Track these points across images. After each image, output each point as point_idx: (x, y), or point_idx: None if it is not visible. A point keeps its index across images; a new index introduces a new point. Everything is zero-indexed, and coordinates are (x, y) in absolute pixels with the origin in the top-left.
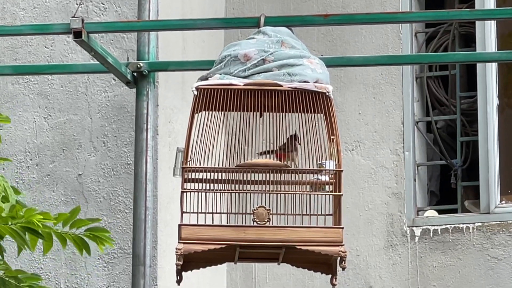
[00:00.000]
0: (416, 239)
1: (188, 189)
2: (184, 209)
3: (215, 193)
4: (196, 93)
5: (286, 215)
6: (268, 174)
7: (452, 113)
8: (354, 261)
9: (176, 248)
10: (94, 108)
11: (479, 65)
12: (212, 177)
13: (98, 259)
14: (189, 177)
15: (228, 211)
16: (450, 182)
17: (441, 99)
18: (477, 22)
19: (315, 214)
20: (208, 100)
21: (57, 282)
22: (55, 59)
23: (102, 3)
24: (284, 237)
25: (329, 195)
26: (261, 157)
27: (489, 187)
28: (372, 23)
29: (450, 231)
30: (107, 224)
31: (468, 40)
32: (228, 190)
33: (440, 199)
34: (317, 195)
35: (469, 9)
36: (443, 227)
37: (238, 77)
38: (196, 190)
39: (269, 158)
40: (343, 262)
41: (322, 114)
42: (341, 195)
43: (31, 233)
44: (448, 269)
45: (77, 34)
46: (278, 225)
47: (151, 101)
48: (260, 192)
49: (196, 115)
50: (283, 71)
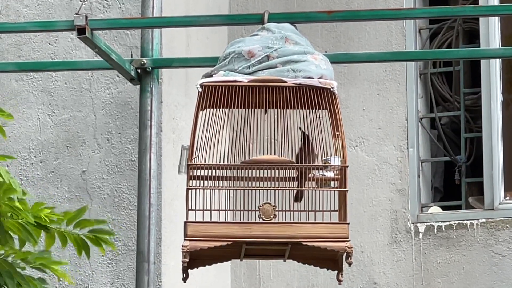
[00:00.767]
0: (420, 235)
1: (193, 186)
2: (189, 206)
3: (221, 190)
4: (200, 90)
5: (291, 212)
6: (273, 171)
7: (456, 110)
8: (358, 258)
9: (182, 246)
10: (98, 105)
11: (483, 62)
12: (217, 174)
13: (102, 256)
14: (194, 174)
15: (234, 208)
16: (454, 178)
17: (445, 96)
18: (481, 19)
19: (321, 210)
20: (212, 97)
21: (61, 280)
22: (59, 56)
23: (105, 0)
24: (290, 233)
25: (334, 191)
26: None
27: (493, 183)
28: (376, 20)
29: (454, 228)
30: (111, 221)
31: (472, 37)
32: (233, 187)
33: (444, 196)
34: (323, 191)
35: (473, 5)
36: (447, 223)
37: (242, 74)
38: (202, 187)
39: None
40: (349, 258)
41: (326, 110)
42: (347, 191)
43: (39, 227)
44: (452, 266)
45: (80, 31)
46: (284, 221)
47: (155, 97)
48: (266, 188)
49: (201, 112)
50: (288, 67)
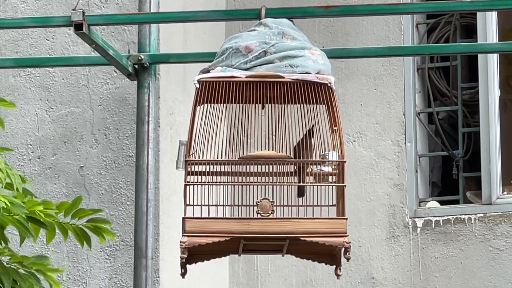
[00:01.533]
0: (418, 230)
1: (191, 182)
2: (187, 202)
3: (218, 186)
4: (198, 86)
5: (289, 207)
6: (271, 166)
7: (453, 104)
8: (356, 253)
9: (181, 241)
10: (96, 101)
11: (480, 56)
12: (215, 170)
13: (100, 251)
14: (192, 169)
15: (232, 203)
16: (452, 173)
17: (442, 90)
18: (478, 13)
19: (319, 205)
20: (210, 92)
21: (59, 275)
22: (56, 51)
23: None
24: (288, 228)
25: (332, 186)
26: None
27: (491, 178)
28: (373, 15)
29: (452, 222)
30: (109, 217)
31: (470, 31)
32: (231, 182)
33: (442, 190)
34: (321, 186)
35: (470, 0)
36: (445, 218)
37: (239, 69)
38: (200, 183)
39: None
40: (347, 253)
41: (324, 105)
42: (345, 186)
43: (34, 223)
44: (450, 260)
45: (78, 27)
46: (282, 216)
47: (153, 93)
48: (264, 184)
49: (198, 107)
50: (285, 62)
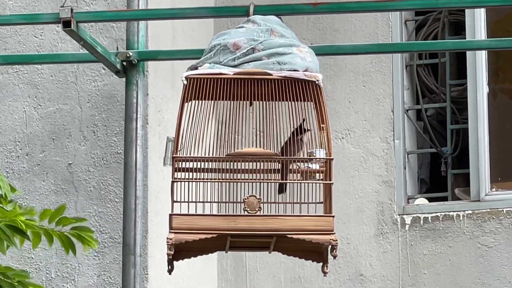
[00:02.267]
0: (407, 227)
1: (178, 179)
2: (174, 199)
3: (206, 183)
4: (185, 82)
5: (277, 204)
6: (258, 163)
7: (442, 101)
8: (345, 249)
9: (167, 238)
10: (84, 98)
11: (469, 53)
12: (202, 166)
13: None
14: (180, 166)
15: (219, 200)
16: (440, 170)
17: (431, 87)
18: (466, 10)
19: (306, 203)
20: (198, 89)
21: (47, 272)
22: (45, 48)
23: None
24: (275, 226)
25: (319, 183)
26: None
27: (479, 174)
28: (362, 11)
29: (441, 219)
30: (98, 213)
31: (458, 28)
32: (218, 179)
33: (430, 187)
34: (308, 183)
35: None
36: (434, 215)
37: (227, 66)
38: (187, 180)
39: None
40: (334, 251)
41: (312, 103)
42: (332, 183)
43: (17, 232)
44: (438, 257)
45: (66, 24)
46: (269, 214)
47: (141, 90)
48: (251, 181)
49: (186, 104)
50: (273, 59)
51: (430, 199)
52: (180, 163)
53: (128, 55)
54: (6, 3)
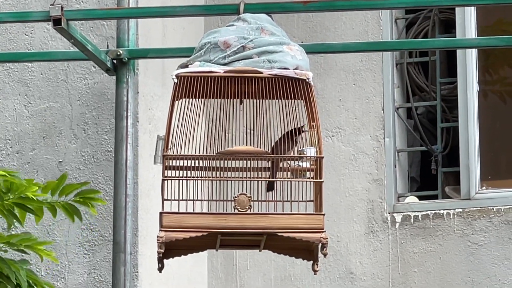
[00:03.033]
0: (397, 225)
1: (169, 177)
2: (165, 197)
3: (196, 181)
4: (176, 80)
5: (267, 202)
6: (248, 161)
7: (432, 99)
8: (335, 248)
9: (158, 236)
10: (74, 96)
11: (459, 51)
12: (193, 165)
13: (79, 246)
14: (170, 164)
15: (209, 198)
16: (431, 168)
17: (421, 85)
18: (457, 8)
19: (296, 201)
20: (188, 87)
21: (38, 270)
22: (35, 46)
23: None
24: (265, 224)
25: (310, 181)
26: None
27: (470, 173)
28: (352, 10)
29: (431, 217)
30: (88, 211)
31: (448, 26)
32: (209, 177)
33: (420, 185)
34: (298, 181)
35: None
36: (424, 213)
37: (218, 64)
38: (177, 178)
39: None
40: (325, 249)
41: (302, 101)
42: (322, 181)
43: (21, 208)
44: (428, 255)
45: (56, 22)
46: (259, 212)
47: (131, 88)
48: (241, 179)
49: (177, 102)
50: (263, 58)
51: (421, 197)
52: (171, 161)
53: (118, 53)
54: None
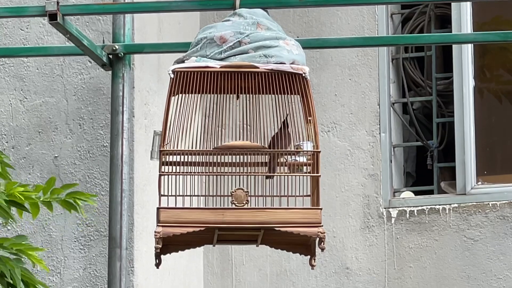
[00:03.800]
0: (393, 220)
1: (166, 172)
2: (162, 192)
3: (193, 176)
4: (172, 76)
5: (264, 197)
6: (245, 156)
7: (428, 95)
8: (331, 243)
9: (155, 232)
10: (70, 91)
11: (455, 47)
12: (189, 160)
13: (75, 241)
14: (167, 160)
15: (206, 193)
16: (426, 163)
17: (417, 81)
18: (452, 4)
19: (293, 196)
20: (184, 83)
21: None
22: (31, 41)
23: None
24: (262, 219)
25: (307, 176)
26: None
27: (465, 168)
28: (348, 5)
29: (427, 212)
30: (84, 206)
31: (444, 22)
32: (205, 172)
33: (416, 180)
34: (295, 176)
35: None
36: (419, 208)
37: (214, 60)
38: (174, 173)
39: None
40: (322, 243)
41: (298, 96)
42: (319, 176)
43: (15, 205)
44: (424, 250)
45: (52, 17)
46: (256, 207)
47: (127, 83)
48: (238, 174)
49: (173, 98)
50: (259, 52)
51: (416, 193)
52: (167, 156)
53: (114, 48)
54: None
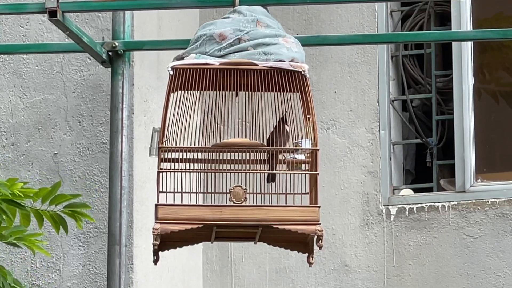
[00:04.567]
0: (392, 217)
1: (164, 169)
2: (160, 189)
3: (192, 173)
4: (171, 72)
5: (262, 194)
6: (244, 153)
7: (427, 92)
8: (330, 240)
9: (153, 228)
10: (70, 88)
11: (454, 44)
12: (188, 157)
13: (74, 238)
14: (165, 156)
15: (205, 190)
16: (426, 160)
17: (416, 78)
18: (452, 1)
19: (292, 193)
20: (183, 79)
21: (32, 262)
22: (30, 38)
23: None
24: (261, 216)
25: (305, 174)
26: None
27: (465, 165)
28: (348, 2)
29: (426, 210)
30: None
31: (444, 19)
32: (204, 169)
33: (415, 178)
34: (294, 174)
35: None
36: (419, 205)
37: (213, 57)
38: (173, 170)
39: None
40: (320, 241)
41: (298, 93)
42: (318, 174)
43: (12, 205)
44: (423, 248)
45: (52, 14)
46: (254, 204)
47: (127, 80)
48: (237, 171)
49: (172, 94)
50: (259, 50)
51: (416, 190)
52: (166, 153)
53: (114, 45)
54: None
